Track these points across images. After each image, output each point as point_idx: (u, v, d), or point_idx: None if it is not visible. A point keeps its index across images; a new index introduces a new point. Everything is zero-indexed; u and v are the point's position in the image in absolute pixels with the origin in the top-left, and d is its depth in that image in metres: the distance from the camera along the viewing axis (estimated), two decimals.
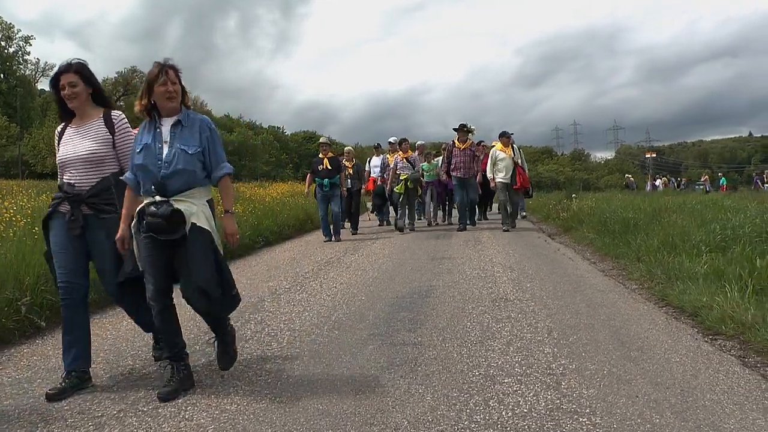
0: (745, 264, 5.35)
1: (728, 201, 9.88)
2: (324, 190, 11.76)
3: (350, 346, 4.38)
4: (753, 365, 3.72)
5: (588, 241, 9.69)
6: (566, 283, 6.47)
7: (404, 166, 13.05)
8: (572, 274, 7.05)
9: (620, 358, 3.88)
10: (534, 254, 8.82)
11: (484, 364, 3.88)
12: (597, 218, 10.36)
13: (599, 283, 6.46)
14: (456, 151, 12.93)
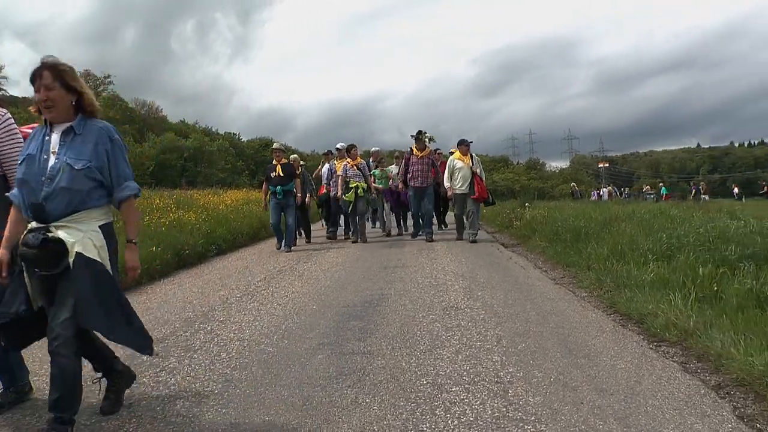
0: (688, 272, 5.52)
1: (675, 210, 10.16)
2: (278, 198, 11.39)
3: (299, 355, 4.37)
4: (693, 371, 3.83)
5: (540, 249, 9.85)
6: (517, 291, 6.56)
7: (354, 174, 12.52)
8: (523, 282, 7.15)
9: (567, 365, 3.96)
10: (486, 263, 8.92)
11: (432, 372, 3.91)
12: (549, 227, 10.55)
13: (550, 291, 6.57)
14: (414, 160, 12.35)
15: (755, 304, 4.53)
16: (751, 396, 3.38)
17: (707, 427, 2.98)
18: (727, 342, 3.99)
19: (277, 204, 11.49)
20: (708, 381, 3.64)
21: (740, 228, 7.01)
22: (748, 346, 3.83)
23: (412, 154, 12.45)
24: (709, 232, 6.83)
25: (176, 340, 4.94)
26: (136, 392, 3.69)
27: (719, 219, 8.05)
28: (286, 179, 11.44)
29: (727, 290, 4.95)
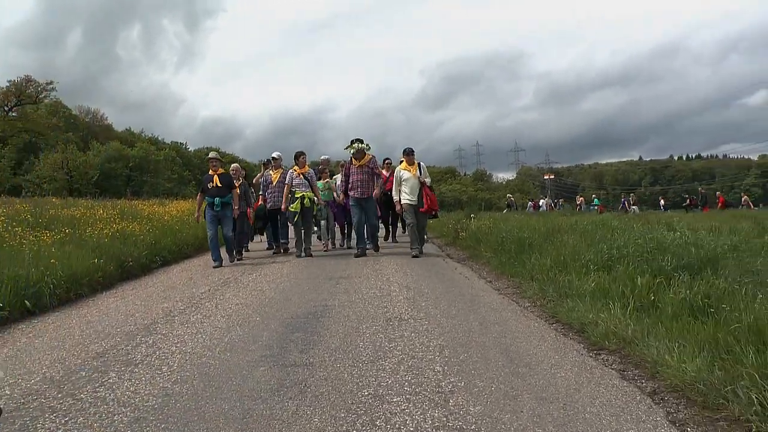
0: (627, 282, 5.70)
1: (616, 222, 10.47)
2: (215, 210, 10.85)
3: (241, 368, 4.34)
4: (631, 378, 3.96)
5: (485, 260, 10.00)
6: (461, 301, 6.64)
7: (300, 183, 11.85)
8: (467, 292, 7.24)
9: (508, 374, 4.03)
10: (432, 273, 8.99)
11: (374, 383, 3.93)
12: (494, 238, 10.71)
13: (493, 301, 6.67)
14: (352, 169, 11.81)
15: (689, 313, 4.71)
16: (684, 401, 3.51)
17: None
18: (662, 349, 4.13)
19: (214, 216, 10.94)
20: (644, 387, 3.77)
21: (676, 239, 7.27)
22: (682, 353, 3.97)
23: (351, 164, 11.93)
24: (647, 243, 7.06)
25: (116, 354, 4.85)
26: (73, 409, 3.61)
27: (657, 230, 8.33)
28: (223, 190, 10.94)
29: (663, 299, 5.12)
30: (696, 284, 5.27)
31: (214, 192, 10.86)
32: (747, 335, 3.88)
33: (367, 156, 11.85)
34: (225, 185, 10.99)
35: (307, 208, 11.82)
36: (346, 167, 12.12)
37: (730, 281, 5.21)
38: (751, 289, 4.89)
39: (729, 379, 3.47)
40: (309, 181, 11.91)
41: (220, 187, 10.91)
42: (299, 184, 11.86)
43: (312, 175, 12.12)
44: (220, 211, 10.88)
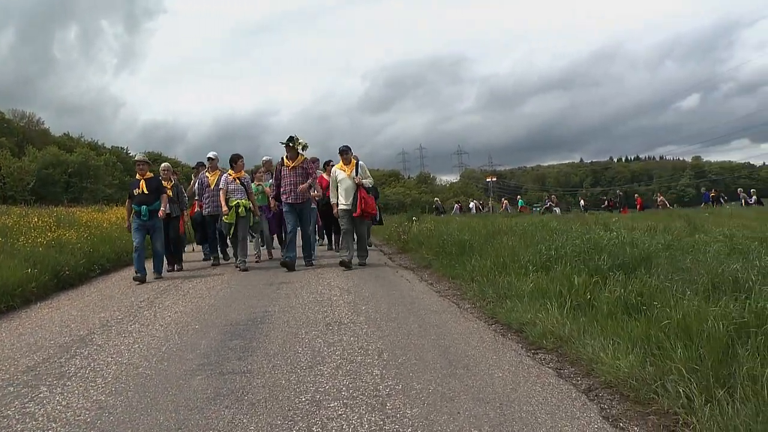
0: (564, 282, 5.84)
1: (554, 223, 10.71)
2: (142, 219, 9.75)
3: (178, 377, 4.30)
4: (567, 376, 4.06)
5: (427, 262, 10.11)
6: (401, 304, 6.69)
7: (236, 189, 10.81)
8: (408, 295, 7.30)
9: (446, 376, 4.09)
10: (373, 277, 9.04)
11: (311, 389, 3.93)
12: (436, 241, 10.83)
13: (433, 303, 6.74)
14: (285, 171, 10.61)
15: (623, 311, 4.85)
16: (617, 397, 3.62)
17: (576, 429, 3.16)
18: (597, 347, 4.24)
19: (141, 226, 9.84)
20: (579, 385, 3.87)
21: (612, 239, 7.49)
22: (616, 350, 4.09)
23: (283, 165, 10.71)
24: (584, 243, 7.26)
25: (49, 368, 4.73)
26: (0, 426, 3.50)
27: (594, 231, 8.57)
28: (151, 196, 9.88)
29: (599, 298, 5.26)
30: (630, 283, 5.44)
31: (140, 198, 9.83)
32: (676, 331, 4.02)
33: (301, 156, 10.64)
34: (153, 191, 9.95)
35: (242, 218, 10.79)
36: (277, 169, 10.98)
37: (661, 279, 5.40)
38: (680, 286, 5.08)
39: (659, 374, 3.60)
40: (245, 186, 10.95)
41: (147, 193, 9.88)
42: (234, 190, 10.84)
43: (248, 180, 11.24)
44: (148, 220, 9.83)
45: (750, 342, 3.58)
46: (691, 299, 4.49)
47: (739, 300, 4.23)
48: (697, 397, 3.26)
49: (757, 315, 3.87)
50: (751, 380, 3.19)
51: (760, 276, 5.01)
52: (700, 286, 4.97)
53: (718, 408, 3.11)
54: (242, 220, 10.80)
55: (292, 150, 10.57)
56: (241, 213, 10.72)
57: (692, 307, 4.23)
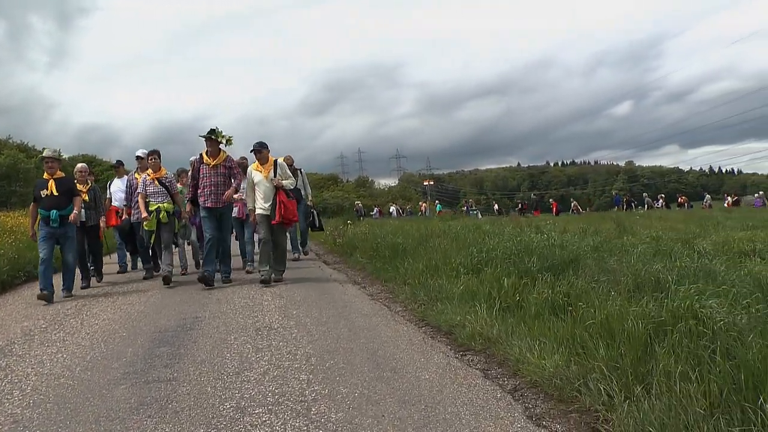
0: (494, 284, 5.95)
1: (487, 226, 10.90)
2: (51, 226, 8.27)
3: (101, 387, 4.20)
4: (494, 377, 4.14)
5: (361, 266, 10.14)
6: (333, 308, 6.70)
7: (156, 191, 9.47)
8: (340, 299, 7.31)
9: (373, 379, 4.11)
10: (306, 281, 9.01)
11: (237, 395, 3.90)
12: (370, 244, 10.87)
13: (365, 307, 6.78)
14: (204, 170, 9.13)
15: (550, 312, 4.99)
16: (542, 396, 3.72)
17: (499, 429, 3.23)
18: (524, 348, 4.35)
19: (50, 234, 8.35)
20: (505, 385, 3.96)
21: (543, 241, 7.67)
22: (542, 351, 4.21)
23: (202, 163, 9.21)
24: (515, 246, 7.41)
25: None
26: None
27: (525, 234, 8.76)
28: (62, 199, 8.37)
29: (528, 299, 5.39)
30: (558, 284, 5.59)
31: (49, 202, 8.29)
32: (599, 331, 4.16)
33: (224, 153, 9.27)
34: (64, 193, 8.43)
35: (164, 224, 9.46)
36: (194, 167, 9.45)
37: (588, 280, 5.56)
38: (606, 287, 5.25)
39: (582, 373, 3.72)
40: (167, 187, 9.57)
41: (58, 195, 8.35)
42: (154, 193, 9.49)
43: (171, 179, 9.78)
44: (59, 227, 8.33)
45: (666, 340, 3.72)
46: (614, 300, 4.64)
47: (657, 299, 4.40)
48: (617, 394, 3.37)
49: (673, 314, 4.03)
50: (666, 376, 3.32)
51: (677, 276, 5.23)
52: (623, 287, 5.15)
53: (636, 404, 3.23)
54: (165, 226, 9.48)
55: (214, 145, 9.15)
56: (162, 219, 9.41)
57: (614, 308, 4.37)
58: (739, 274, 5.68)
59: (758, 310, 4.06)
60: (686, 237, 9.90)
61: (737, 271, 5.89)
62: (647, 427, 2.95)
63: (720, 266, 6.14)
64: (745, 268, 6.05)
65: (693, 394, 3.12)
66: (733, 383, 3.11)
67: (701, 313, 4.01)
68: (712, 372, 3.21)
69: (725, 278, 5.35)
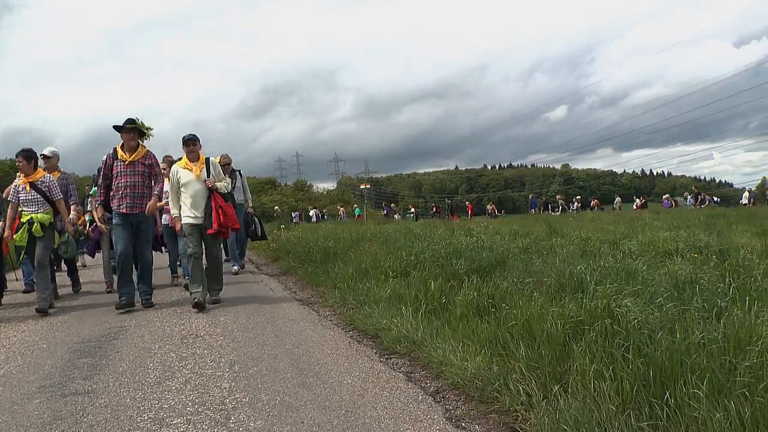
0: (421, 287, 5.99)
1: (418, 229, 10.97)
2: None
3: (13, 402, 4.03)
4: (417, 380, 4.17)
5: (293, 270, 10.07)
6: (261, 314, 6.63)
7: (30, 199, 7.56)
8: (269, 304, 7.24)
9: (295, 385, 4.08)
10: (236, 287, 8.91)
11: (156, 406, 3.81)
12: (302, 248, 10.80)
13: (293, 312, 6.73)
14: (119, 167, 7.54)
15: (475, 313, 5.05)
16: (463, 397, 3.76)
17: (418, 431, 3.25)
18: (448, 350, 4.39)
19: None
20: (427, 388, 3.98)
21: (471, 244, 7.77)
22: (465, 352, 4.25)
23: (116, 159, 7.60)
24: (444, 248, 7.48)
25: None
26: None
27: (455, 236, 8.86)
28: None
29: (454, 302, 5.44)
30: (485, 286, 5.66)
31: None
32: (521, 332, 4.23)
33: (143, 148, 7.64)
34: None
35: (39, 239, 7.55)
36: (107, 163, 7.70)
37: (514, 282, 5.65)
38: (531, 288, 5.35)
39: (503, 374, 3.77)
40: (47, 193, 7.66)
41: None
42: (28, 201, 7.58)
43: (51, 182, 7.78)
44: None
45: (584, 339, 3.81)
46: (536, 300, 4.73)
47: (577, 300, 4.50)
48: (536, 393, 3.44)
49: (591, 313, 4.14)
50: (582, 375, 3.41)
51: (599, 276, 5.36)
52: (547, 288, 5.26)
53: (553, 403, 3.30)
54: (41, 241, 7.56)
55: (132, 137, 7.57)
56: (36, 232, 7.47)
57: (536, 309, 4.46)
58: (658, 273, 5.87)
59: (669, 308, 4.21)
60: (614, 238, 10.15)
61: (657, 270, 6.08)
62: (562, 426, 3.02)
63: (642, 266, 6.31)
64: (665, 267, 6.24)
65: (606, 391, 3.20)
66: (642, 380, 3.21)
67: (617, 312, 4.14)
68: (625, 370, 3.30)
69: (646, 277, 5.52)
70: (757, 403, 2.80)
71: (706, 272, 5.77)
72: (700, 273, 5.71)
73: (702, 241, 8.76)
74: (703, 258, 7.27)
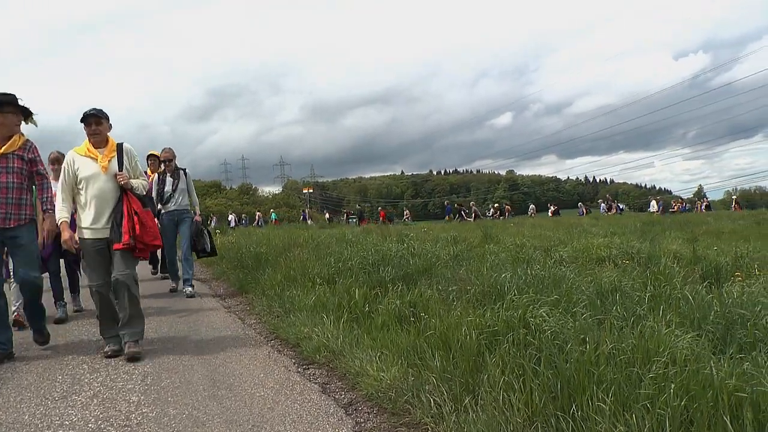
0: (345, 295, 5.88)
1: (350, 235, 10.87)
2: None
3: None
4: (331, 391, 4.06)
5: (225, 276, 9.85)
6: (185, 323, 6.43)
7: None
8: (195, 312, 7.05)
9: (207, 398, 3.93)
10: (162, 294, 8.65)
11: (56, 423, 3.62)
12: (234, 254, 10.58)
13: (218, 320, 6.55)
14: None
15: (396, 322, 4.96)
16: (375, 410, 3.67)
17: None
18: (366, 360, 4.29)
19: None
20: (341, 400, 3.88)
21: (400, 251, 7.70)
22: (383, 362, 4.16)
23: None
24: (373, 255, 7.39)
25: None
26: None
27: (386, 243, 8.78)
28: None
29: (378, 310, 5.35)
30: (409, 294, 5.57)
31: None
32: (438, 341, 4.16)
33: (20, 137, 5.41)
34: None
35: None
36: None
37: (438, 289, 5.58)
38: (455, 296, 5.29)
39: (417, 385, 3.70)
40: None
41: None
42: None
43: None
44: None
45: (497, 350, 3.76)
46: (455, 309, 4.67)
47: (494, 309, 4.44)
48: (447, 405, 3.37)
49: (507, 323, 4.10)
50: (492, 386, 3.36)
51: (521, 284, 5.33)
52: (471, 296, 5.20)
53: (464, 415, 3.24)
54: None
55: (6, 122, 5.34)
56: None
57: (454, 318, 4.39)
58: (585, 280, 5.89)
59: (586, 318, 4.20)
60: (549, 244, 10.22)
61: (584, 277, 6.10)
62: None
63: (570, 273, 6.32)
64: (592, 275, 6.26)
65: (515, 403, 3.17)
66: (551, 392, 3.18)
67: (532, 323, 4.11)
68: (534, 381, 3.27)
69: (570, 285, 5.52)
70: (657, 415, 2.80)
71: (630, 279, 5.83)
72: (624, 280, 5.78)
73: (635, 247, 8.89)
74: (633, 264, 7.39)
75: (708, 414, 2.73)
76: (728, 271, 6.50)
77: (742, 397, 2.75)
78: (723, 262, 7.06)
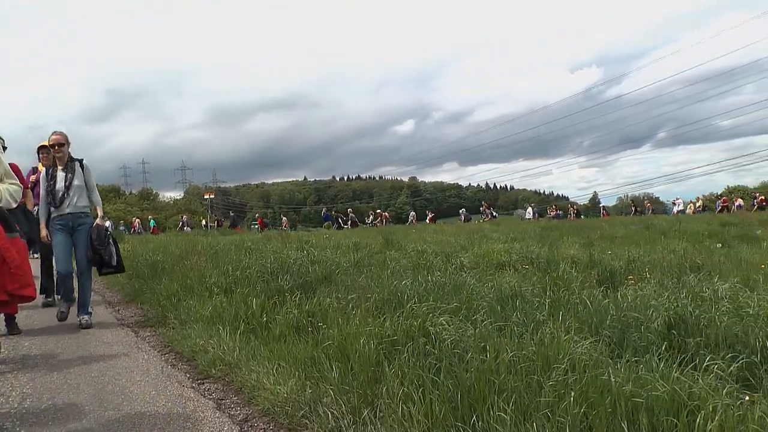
0: (242, 304, 5.65)
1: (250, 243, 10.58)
2: None
3: None
4: (227, 407, 3.85)
5: (119, 286, 9.34)
6: (73, 337, 6.00)
7: None
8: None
9: (91, 420, 3.63)
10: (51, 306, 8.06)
11: None
12: (131, 262, 10.06)
13: (109, 334, 6.14)
14: None
15: (294, 332, 4.80)
16: (272, 426, 3.51)
17: None
18: (263, 372, 4.10)
19: None
20: (236, 416, 3.69)
21: (299, 258, 7.51)
22: (280, 375, 3.99)
23: None
24: (271, 263, 7.16)
25: None
26: None
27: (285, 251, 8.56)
28: None
29: (276, 320, 5.16)
30: (307, 303, 5.41)
31: None
32: (336, 352, 4.04)
33: None
34: None
35: None
36: None
37: (337, 298, 5.43)
38: (354, 304, 5.15)
39: (315, 398, 3.56)
40: None
41: None
42: None
43: None
44: None
45: (397, 360, 3.67)
46: (353, 318, 4.54)
47: (393, 318, 4.34)
48: (345, 418, 3.25)
49: (406, 332, 4.01)
50: (392, 398, 3.26)
51: (421, 291, 5.27)
52: (372, 304, 5.06)
53: (362, 428, 3.13)
54: None
55: None
56: None
57: (353, 327, 4.26)
58: (486, 286, 5.89)
59: (486, 325, 4.18)
60: (450, 250, 10.26)
61: (485, 283, 6.10)
62: None
63: (471, 279, 6.32)
64: (494, 281, 6.28)
65: (415, 415, 3.08)
66: (452, 402, 3.12)
67: (431, 331, 4.05)
68: (434, 392, 3.20)
69: (472, 291, 5.50)
70: (557, 423, 2.78)
71: (530, 285, 5.89)
72: (525, 285, 5.82)
73: (534, 252, 9.05)
74: (533, 269, 7.50)
75: (606, 420, 2.74)
76: (622, 275, 6.70)
77: (638, 403, 2.78)
78: (617, 266, 7.27)
